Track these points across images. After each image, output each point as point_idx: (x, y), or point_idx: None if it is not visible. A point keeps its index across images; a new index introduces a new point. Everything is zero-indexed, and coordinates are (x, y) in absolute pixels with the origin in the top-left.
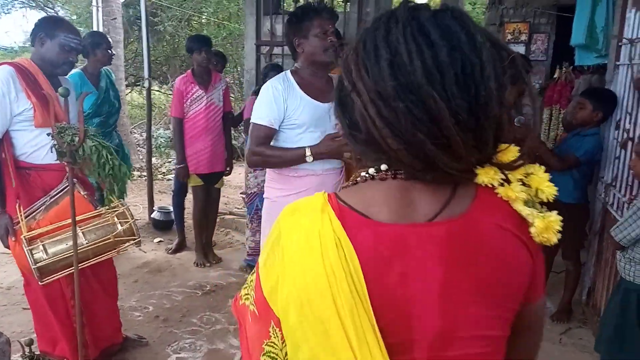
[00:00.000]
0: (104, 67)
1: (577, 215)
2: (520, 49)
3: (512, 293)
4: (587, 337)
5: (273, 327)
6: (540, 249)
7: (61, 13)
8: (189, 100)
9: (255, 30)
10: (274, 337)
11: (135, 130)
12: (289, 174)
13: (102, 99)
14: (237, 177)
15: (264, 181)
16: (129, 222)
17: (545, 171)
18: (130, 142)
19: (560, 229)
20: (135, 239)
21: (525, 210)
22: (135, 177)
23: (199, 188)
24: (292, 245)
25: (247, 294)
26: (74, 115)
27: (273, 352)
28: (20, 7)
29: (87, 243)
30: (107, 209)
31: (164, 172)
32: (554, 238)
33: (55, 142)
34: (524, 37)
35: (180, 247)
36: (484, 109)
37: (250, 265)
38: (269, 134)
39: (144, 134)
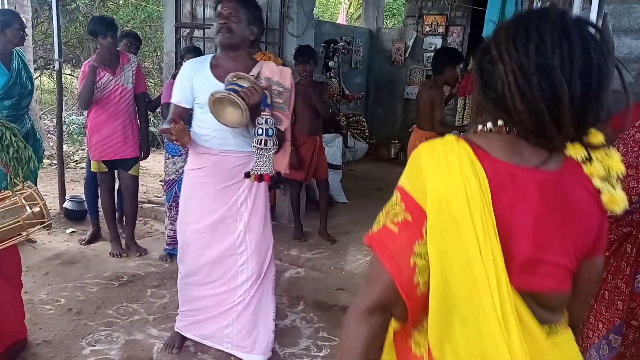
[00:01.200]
0: (15, 48)
1: None
2: (438, 41)
3: (584, 237)
4: None
5: (426, 226)
6: (606, 214)
7: None
8: (96, 85)
9: (175, 12)
10: (425, 236)
11: (45, 116)
12: (194, 151)
13: (14, 80)
14: (157, 164)
15: (182, 167)
16: (38, 204)
17: None
18: (39, 128)
19: (624, 205)
20: (45, 222)
21: (599, 185)
22: (45, 165)
23: (105, 174)
24: (432, 163)
25: (378, 221)
26: None
27: (423, 252)
28: None
29: None
30: (14, 192)
31: (76, 160)
32: (617, 210)
33: None
34: (441, 30)
35: (95, 237)
36: (591, 101)
37: (170, 254)
38: (180, 112)
39: (55, 120)
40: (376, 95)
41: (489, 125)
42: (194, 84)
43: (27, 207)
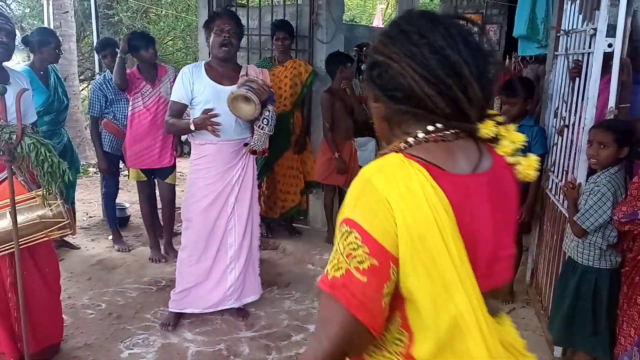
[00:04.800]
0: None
1: (521, 201)
2: None
3: (515, 219)
4: (529, 316)
5: (392, 267)
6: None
7: (13, 6)
8: (136, 95)
9: None
10: (393, 276)
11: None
12: (196, 142)
13: (53, 96)
14: None
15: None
16: (57, 204)
17: None
18: (84, 137)
19: (537, 167)
20: (64, 222)
21: (512, 159)
22: (90, 174)
23: (144, 183)
24: (394, 193)
25: (338, 266)
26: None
27: (390, 289)
28: None
29: (9, 223)
30: (46, 204)
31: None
32: (532, 174)
33: None
34: (477, 28)
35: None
36: (485, 65)
37: None
38: (180, 108)
39: None
40: None
41: (421, 135)
42: (195, 87)
43: (47, 209)
